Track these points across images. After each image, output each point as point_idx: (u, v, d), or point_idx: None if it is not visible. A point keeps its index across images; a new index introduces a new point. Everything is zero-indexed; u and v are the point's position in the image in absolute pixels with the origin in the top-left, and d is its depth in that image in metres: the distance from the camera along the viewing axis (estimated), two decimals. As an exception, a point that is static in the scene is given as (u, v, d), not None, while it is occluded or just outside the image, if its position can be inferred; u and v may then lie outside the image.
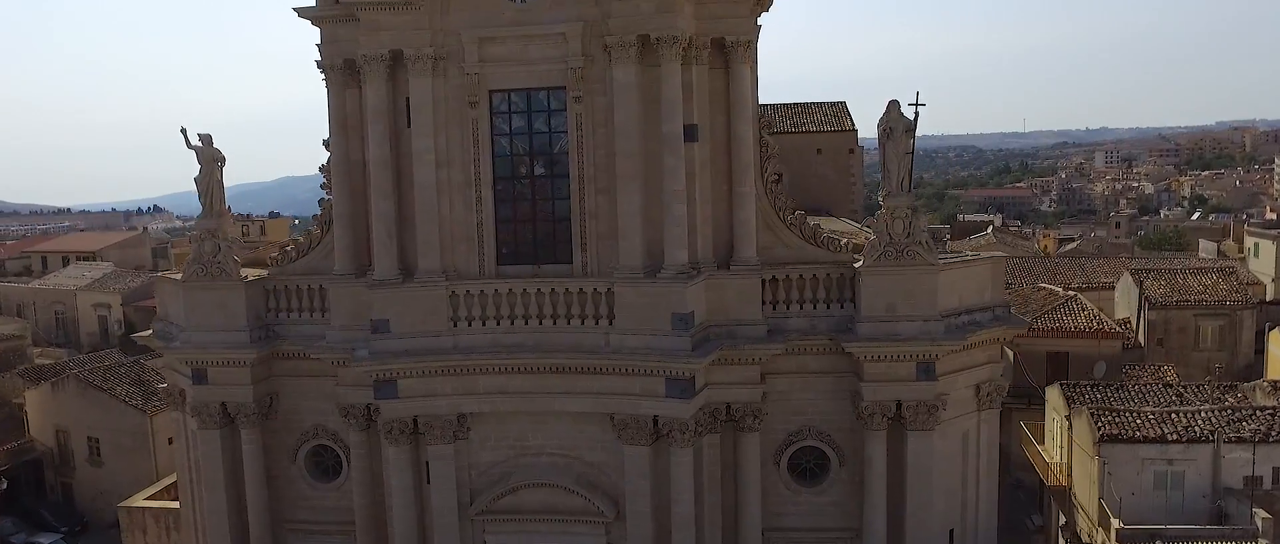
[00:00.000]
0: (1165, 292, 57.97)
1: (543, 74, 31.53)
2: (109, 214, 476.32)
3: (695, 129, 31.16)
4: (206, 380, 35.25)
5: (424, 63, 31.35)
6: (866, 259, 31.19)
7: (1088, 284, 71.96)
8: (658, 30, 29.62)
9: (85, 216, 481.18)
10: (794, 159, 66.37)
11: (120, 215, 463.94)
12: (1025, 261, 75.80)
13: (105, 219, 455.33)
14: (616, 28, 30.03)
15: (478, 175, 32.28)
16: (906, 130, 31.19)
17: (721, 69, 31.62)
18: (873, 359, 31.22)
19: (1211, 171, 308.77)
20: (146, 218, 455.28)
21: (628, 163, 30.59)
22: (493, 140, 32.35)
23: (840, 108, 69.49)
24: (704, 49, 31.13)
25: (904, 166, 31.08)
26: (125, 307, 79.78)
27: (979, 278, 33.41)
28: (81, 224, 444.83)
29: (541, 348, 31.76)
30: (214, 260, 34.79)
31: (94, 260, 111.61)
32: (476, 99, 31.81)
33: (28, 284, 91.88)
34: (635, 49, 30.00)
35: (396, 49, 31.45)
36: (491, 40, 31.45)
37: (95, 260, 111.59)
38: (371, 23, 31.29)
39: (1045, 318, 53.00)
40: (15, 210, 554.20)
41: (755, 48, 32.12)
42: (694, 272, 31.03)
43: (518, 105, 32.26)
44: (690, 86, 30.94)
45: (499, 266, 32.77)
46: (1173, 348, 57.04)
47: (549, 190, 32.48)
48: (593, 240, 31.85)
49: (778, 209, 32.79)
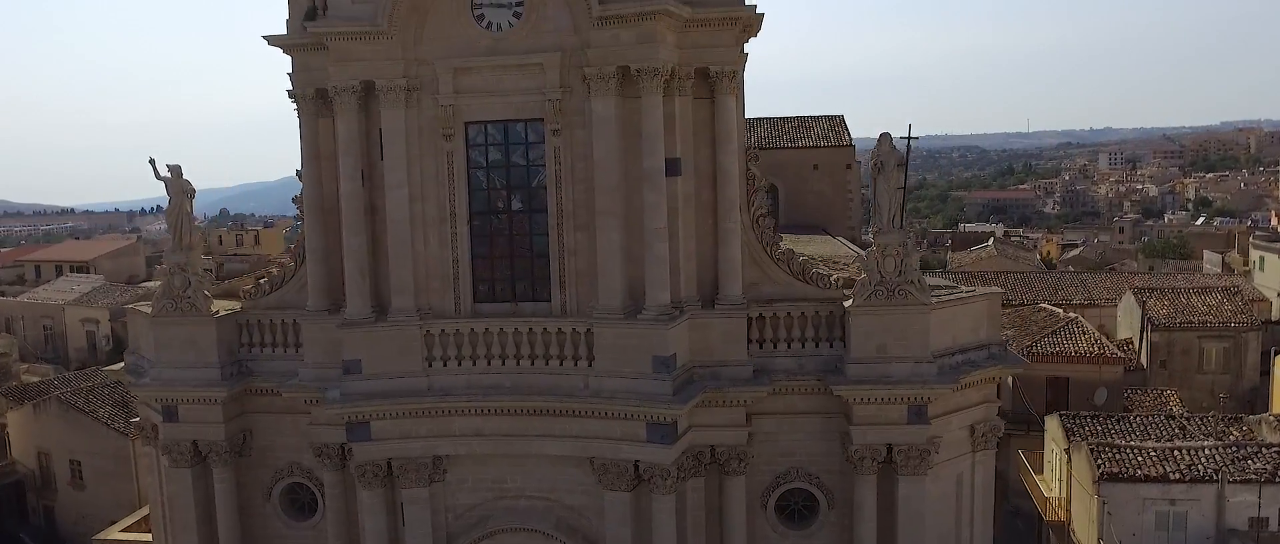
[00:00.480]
0: (1168, 312, 56.73)
1: (520, 105, 30.38)
2: (112, 214, 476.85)
3: (678, 163, 29.98)
4: (177, 418, 34.20)
5: (396, 94, 30.22)
6: (856, 298, 30.02)
7: (1090, 301, 70.88)
8: (638, 61, 28.46)
9: (88, 217, 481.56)
10: (790, 174, 65.43)
11: (123, 216, 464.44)
12: (1026, 277, 74.63)
13: (108, 219, 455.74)
14: (595, 58, 28.88)
15: (453, 210, 31.14)
16: (898, 164, 30.02)
17: (706, 99, 30.44)
18: (862, 402, 30.06)
19: (1216, 173, 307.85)
20: (149, 218, 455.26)
21: (607, 199, 29.44)
22: (469, 174, 31.20)
23: (837, 121, 68.34)
24: (687, 79, 29.97)
25: (896, 202, 29.90)
26: (113, 322, 78.69)
27: (974, 315, 32.21)
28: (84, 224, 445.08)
29: (519, 389, 30.63)
30: (184, 295, 33.72)
31: (87, 270, 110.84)
32: (452, 131, 30.67)
33: (16, 298, 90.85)
34: (615, 81, 28.84)
35: (368, 80, 30.32)
36: (467, 71, 30.31)
37: (88, 270, 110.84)
38: (341, 53, 30.16)
39: (1045, 341, 51.82)
40: (19, 211, 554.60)
41: (742, 77, 30.93)
42: (676, 311, 29.87)
43: (495, 137, 31.11)
44: (673, 119, 29.77)
45: (475, 305, 31.63)
46: (1176, 370, 55.85)
47: (527, 226, 31.33)
48: (572, 278, 30.70)
49: (765, 244, 31.60)
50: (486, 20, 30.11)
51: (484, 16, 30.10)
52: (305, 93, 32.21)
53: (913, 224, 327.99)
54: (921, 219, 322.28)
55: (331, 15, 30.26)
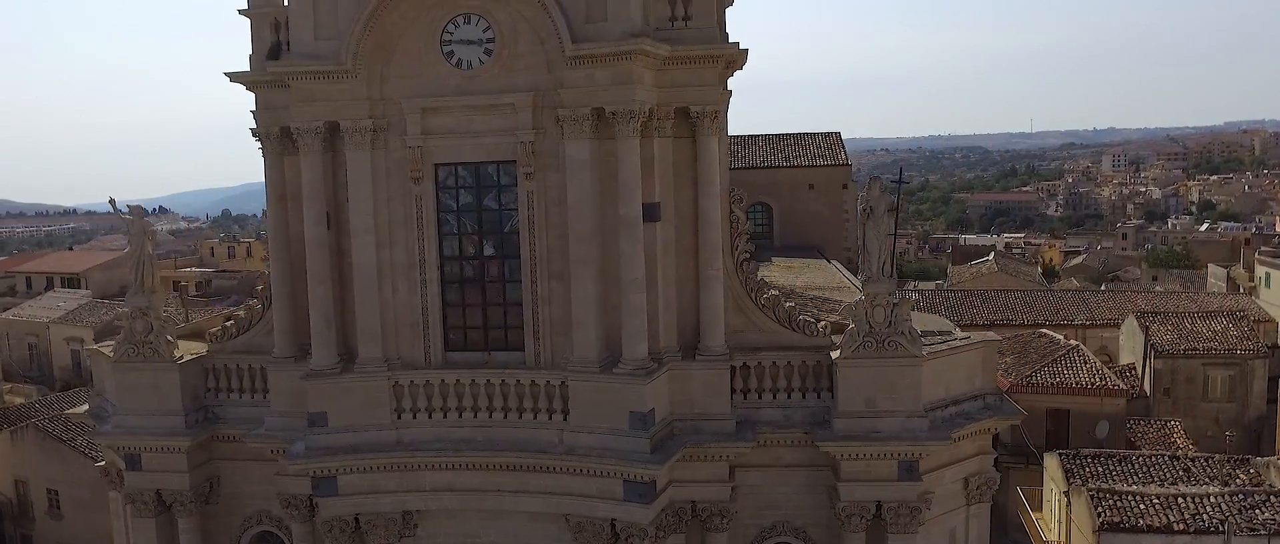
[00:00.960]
0: (1172, 338, 55.25)
1: (492, 147, 29.00)
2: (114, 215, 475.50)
3: (657, 208, 28.59)
4: (140, 466, 32.91)
5: (362, 135, 28.87)
6: (845, 350, 28.61)
7: (1092, 321, 69.36)
8: (613, 103, 27.06)
9: (90, 218, 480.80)
10: (784, 194, 64.07)
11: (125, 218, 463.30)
12: (1027, 295, 73.09)
13: (110, 220, 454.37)
14: (569, 99, 27.50)
15: (422, 256, 29.77)
16: (888, 209, 28.66)
17: (688, 138, 29.03)
18: (850, 457, 28.66)
19: (1220, 176, 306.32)
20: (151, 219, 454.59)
21: (582, 247, 28.04)
22: (439, 218, 29.83)
23: (834, 139, 66.97)
24: (667, 120, 28.58)
25: (886, 249, 28.49)
26: (99, 342, 77.22)
27: (969, 365, 30.82)
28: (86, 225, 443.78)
29: (491, 443, 29.28)
30: (146, 340, 32.43)
31: (78, 283, 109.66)
32: (420, 174, 29.30)
33: (0, 314, 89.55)
34: (589, 123, 27.46)
35: (332, 121, 28.96)
36: (435, 111, 28.95)
37: (79, 283, 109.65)
38: (304, 93, 28.81)
39: (1045, 371, 50.37)
40: (21, 211, 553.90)
41: (725, 116, 29.56)
42: (655, 364, 28.48)
43: (465, 180, 29.74)
44: (652, 161, 28.38)
45: (447, 354, 30.27)
46: (1180, 398, 54.39)
47: (500, 272, 29.96)
48: (546, 328, 29.31)
49: (749, 289, 30.20)
50: (456, 57, 28.76)
51: (454, 54, 28.75)
52: (269, 131, 30.89)
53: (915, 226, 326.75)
54: (923, 221, 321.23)
55: (294, 53, 28.93)
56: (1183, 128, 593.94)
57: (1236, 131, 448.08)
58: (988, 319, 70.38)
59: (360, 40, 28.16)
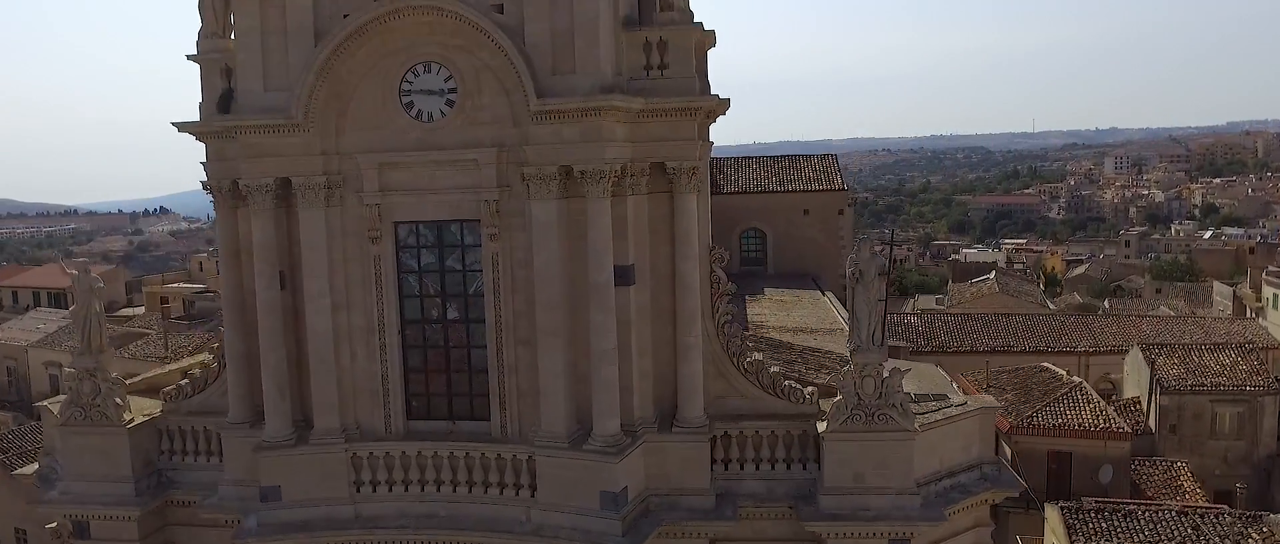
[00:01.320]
0: (1179, 372, 53.31)
1: (455, 205, 27.13)
2: (115, 216, 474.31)
3: (631, 270, 26.71)
4: (89, 534, 31.07)
5: (315, 193, 27.01)
6: (831, 422, 26.72)
7: (1095, 348, 67.50)
8: (582, 162, 25.19)
9: (91, 218, 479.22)
10: (779, 220, 62.20)
11: (126, 218, 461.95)
12: (1028, 320, 71.19)
13: (112, 221, 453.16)
14: (534, 157, 25.62)
15: (382, 320, 27.90)
16: (879, 273, 26.75)
17: (665, 193, 27.15)
18: (838, 536, 26.78)
19: (1223, 179, 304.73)
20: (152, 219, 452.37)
21: (549, 315, 26.16)
22: (399, 279, 27.97)
23: (830, 163, 65.12)
24: (642, 176, 26.70)
25: (876, 315, 26.60)
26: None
27: (966, 434, 28.92)
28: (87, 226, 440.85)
29: (455, 520, 27.42)
30: (93, 403, 30.61)
31: (64, 298, 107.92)
32: (378, 233, 27.42)
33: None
34: (557, 182, 25.59)
35: (284, 177, 27.10)
36: (394, 166, 27.08)
37: (66, 298, 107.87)
38: (253, 148, 26.95)
39: (1047, 411, 48.41)
40: (22, 212, 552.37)
41: (705, 171, 27.71)
42: (629, 439, 26.60)
43: (427, 239, 27.87)
44: (625, 221, 26.49)
45: (409, 422, 28.41)
46: (1187, 435, 52.42)
47: (465, 337, 28.08)
48: (513, 397, 27.44)
49: (732, 354, 28.30)
50: (416, 108, 26.90)
51: (413, 104, 26.89)
52: (222, 184, 29.02)
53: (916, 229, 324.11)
54: (925, 224, 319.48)
55: (242, 106, 27.06)
56: (1185, 128, 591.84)
57: (1239, 132, 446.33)
58: (988, 345, 68.56)
59: (312, 91, 26.30)
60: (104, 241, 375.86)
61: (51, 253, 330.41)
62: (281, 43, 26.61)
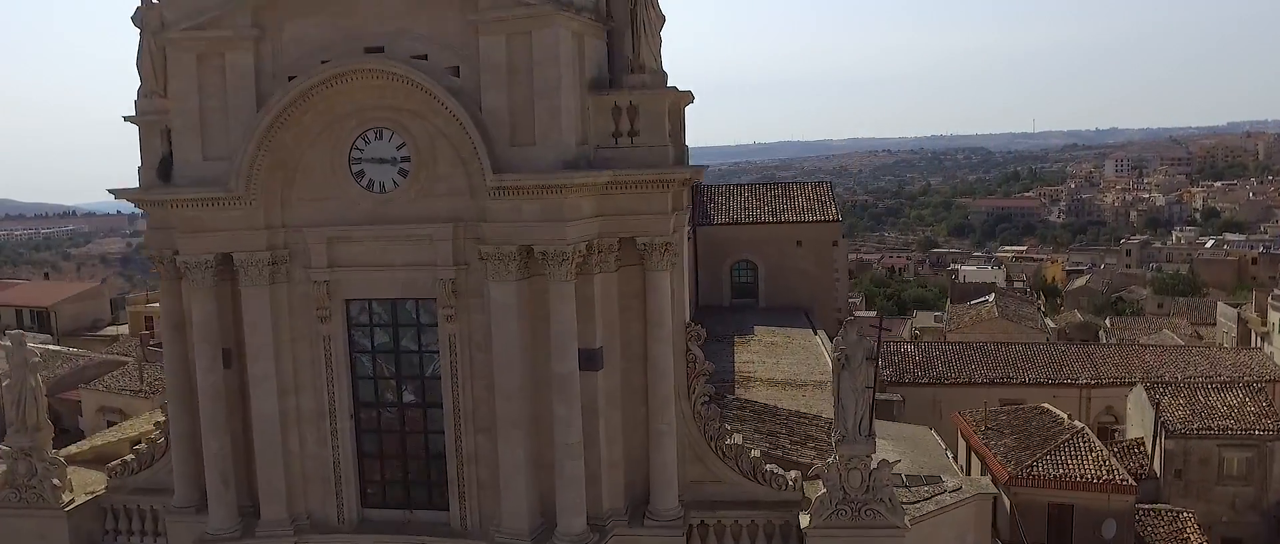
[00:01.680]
0: (1185, 414, 51.27)
1: (408, 283, 25.14)
2: (113, 217, 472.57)
3: (599, 354, 24.72)
4: (27, 621, 29.11)
5: (259, 270, 25.02)
6: (815, 517, 24.73)
7: (1097, 380, 65.51)
8: (543, 242, 23.19)
9: (90, 219, 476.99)
10: (771, 251, 60.26)
11: (125, 218, 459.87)
12: (1028, 350, 69.18)
13: (110, 222, 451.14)
14: (492, 235, 23.63)
15: (333, 404, 25.91)
16: (867, 357, 24.75)
17: (637, 266, 25.16)
18: (824, 639, 24.81)
19: (1223, 182, 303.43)
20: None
21: (509, 405, 24.16)
22: (351, 359, 25.99)
23: (823, 191, 63.17)
24: (611, 252, 24.72)
25: (863, 403, 24.61)
26: (51, 398, 73.43)
27: (960, 522, 26.98)
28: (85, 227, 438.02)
29: (412, 620, 25.45)
30: (29, 484, 28.62)
31: (47, 316, 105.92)
32: (328, 312, 25.43)
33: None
34: (517, 263, 23.60)
35: (225, 252, 25.11)
36: (345, 240, 25.10)
37: (49, 316, 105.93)
38: (191, 222, 24.95)
39: (1047, 460, 46.33)
40: (21, 213, 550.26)
41: (680, 243, 25.73)
42: (597, 534, 24.63)
43: (381, 317, 25.88)
44: (593, 300, 24.51)
45: (363, 510, 26.44)
46: (1193, 480, 50.35)
47: (423, 421, 26.10)
48: (473, 487, 25.44)
49: (709, 436, 26.33)
50: (367, 178, 24.90)
51: (364, 174, 24.89)
52: (163, 254, 27.02)
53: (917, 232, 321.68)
54: (925, 228, 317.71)
55: (179, 177, 25.05)
56: (1185, 128, 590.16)
57: (1240, 134, 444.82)
58: (987, 376, 66.59)
59: (254, 161, 24.30)
60: (102, 244, 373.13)
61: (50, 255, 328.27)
62: (221, 106, 24.63)
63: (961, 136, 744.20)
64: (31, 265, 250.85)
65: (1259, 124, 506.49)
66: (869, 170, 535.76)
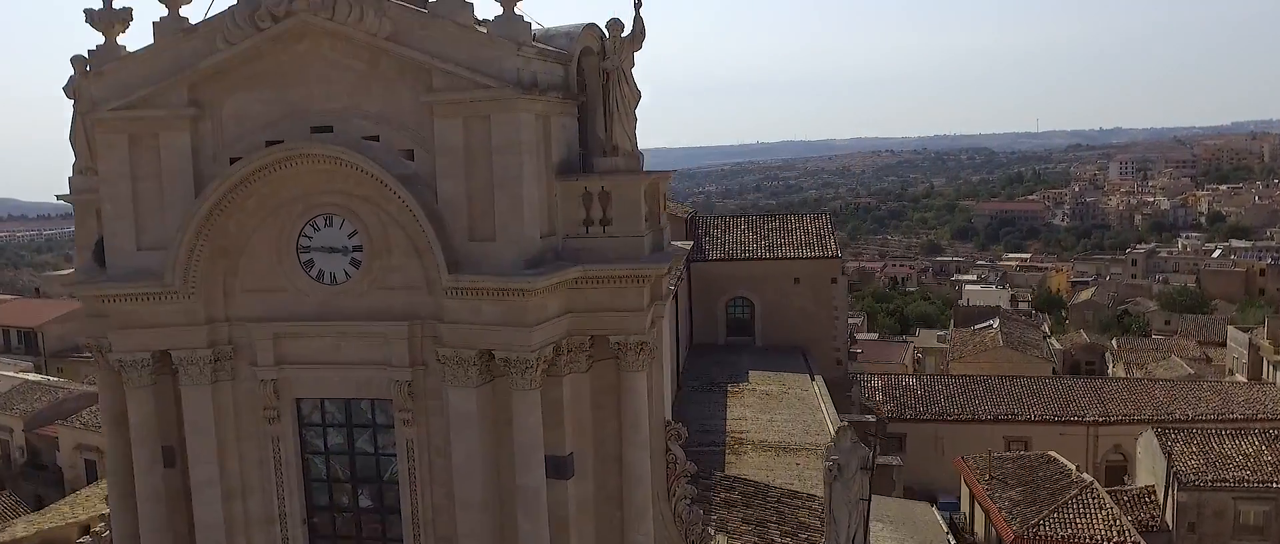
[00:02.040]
0: (1198, 464, 49.27)
1: (363, 382, 23.05)
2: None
3: (570, 461, 22.64)
4: None
5: (200, 368, 22.94)
6: (806, 638, 22.68)
7: (1105, 417, 63.50)
8: (505, 348, 21.11)
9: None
10: (768, 289, 58.24)
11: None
12: (1034, 385, 67.25)
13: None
14: (450, 338, 21.55)
15: (283, 509, 23.84)
16: (862, 467, 22.66)
17: (611, 360, 23.05)
18: None
19: (1229, 185, 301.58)
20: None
21: (471, 517, 22.10)
22: (303, 460, 23.92)
23: (822, 225, 61.06)
24: (582, 350, 22.62)
25: (857, 516, 22.53)
26: (28, 433, 71.59)
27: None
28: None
29: None
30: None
31: (34, 336, 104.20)
32: (276, 412, 23.37)
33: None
34: (477, 368, 21.52)
35: (163, 350, 23.05)
36: (294, 336, 23.03)
37: (36, 336, 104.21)
38: (125, 317, 22.87)
39: (1055, 518, 44.45)
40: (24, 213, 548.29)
41: (658, 340, 23.63)
42: (568, 657, 22.57)
43: (335, 417, 23.80)
44: (562, 404, 22.43)
45: (317, 623, 24.38)
46: (1207, 534, 48.50)
47: (381, 528, 24.02)
48: (434, 604, 23.37)
49: (692, 541, 24.28)
50: (317, 268, 22.82)
51: (313, 263, 22.81)
52: (101, 343, 24.92)
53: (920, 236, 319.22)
54: (928, 230, 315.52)
55: (112, 269, 22.95)
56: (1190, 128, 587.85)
57: (1245, 134, 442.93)
58: (991, 412, 64.68)
59: (193, 251, 22.22)
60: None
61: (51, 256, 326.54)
62: (156, 191, 22.54)
63: (965, 136, 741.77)
64: (33, 267, 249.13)
65: (1264, 124, 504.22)
66: (872, 171, 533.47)
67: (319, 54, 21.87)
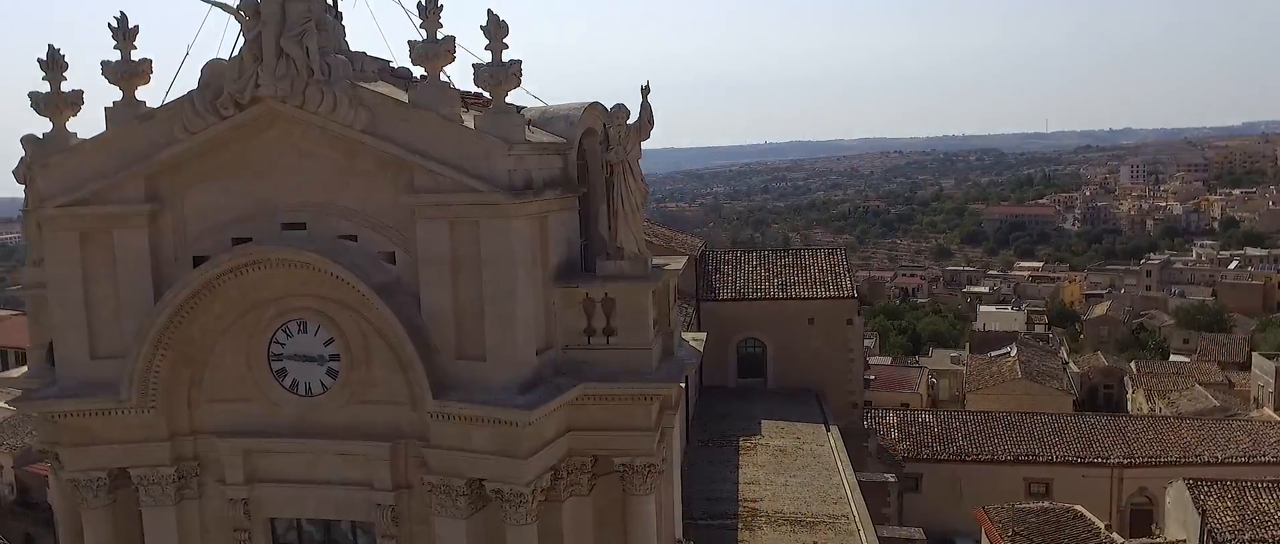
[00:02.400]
0: (1233, 521, 46.82)
1: (343, 503, 20.83)
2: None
3: (570, 593, 20.38)
4: None
5: (162, 488, 20.75)
6: None
7: (1130, 459, 61.01)
8: (497, 479, 18.87)
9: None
10: (781, 330, 55.78)
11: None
12: (1056, 423, 64.66)
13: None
14: (437, 464, 19.33)
15: (255, 639, 21.63)
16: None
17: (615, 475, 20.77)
18: None
19: (1242, 190, 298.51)
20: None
21: (461, 661, 19.86)
22: (278, 585, 21.71)
23: (837, 262, 58.56)
24: (583, 472, 20.36)
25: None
26: (18, 470, 69.52)
27: None
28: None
29: None
30: None
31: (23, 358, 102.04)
32: (247, 533, 21.15)
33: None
34: (466, 498, 19.28)
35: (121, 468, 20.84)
36: (266, 452, 20.81)
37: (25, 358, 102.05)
38: (78, 433, 20.67)
39: (1084, 583, 42.05)
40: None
41: (668, 457, 21.34)
42: None
43: (313, 537, 21.58)
44: (562, 532, 20.18)
45: None
46: (1243, 595, 45.93)
47: (363, 660, 21.79)
48: None
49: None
50: (290, 378, 20.58)
51: (287, 373, 20.57)
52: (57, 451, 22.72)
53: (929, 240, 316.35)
54: (937, 234, 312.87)
55: (63, 380, 20.71)
56: (1200, 129, 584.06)
57: (1256, 135, 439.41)
58: (1011, 453, 62.18)
59: (151, 363, 20.00)
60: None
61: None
62: (111, 294, 20.34)
63: (974, 137, 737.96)
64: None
65: (1275, 124, 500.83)
66: (880, 172, 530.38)
67: (290, 143, 19.68)
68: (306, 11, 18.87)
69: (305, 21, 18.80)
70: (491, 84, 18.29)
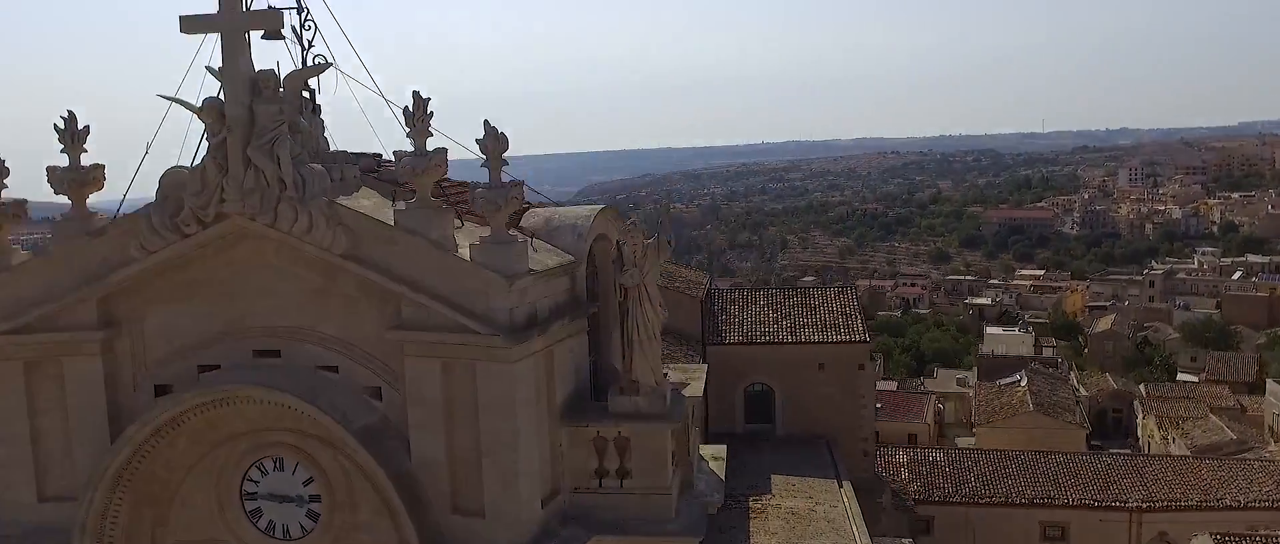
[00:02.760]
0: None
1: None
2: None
3: None
4: None
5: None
6: None
7: (1149, 503, 58.93)
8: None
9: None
10: (789, 375, 53.23)
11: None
12: (1069, 464, 62.43)
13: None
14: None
15: None
16: None
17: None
18: None
19: (1241, 193, 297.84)
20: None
21: None
22: None
23: (848, 301, 56.05)
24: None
25: None
26: None
27: None
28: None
29: None
30: None
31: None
32: None
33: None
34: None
35: (73, 620, 18.54)
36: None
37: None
38: (24, 585, 18.37)
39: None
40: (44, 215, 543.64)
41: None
42: None
43: None
44: None
45: None
46: (1276, 660, 43.87)
47: None
48: None
49: None
50: (266, 520, 18.32)
51: (261, 514, 18.30)
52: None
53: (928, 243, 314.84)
54: (936, 238, 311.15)
55: (6, 526, 18.41)
56: (1196, 129, 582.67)
57: (1253, 137, 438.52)
58: (1026, 495, 59.97)
59: (106, 511, 17.72)
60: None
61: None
62: (62, 427, 18.08)
63: (970, 137, 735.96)
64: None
65: (1272, 124, 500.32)
66: (877, 172, 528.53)
67: (262, 262, 17.43)
68: (278, 114, 16.61)
69: (277, 126, 16.55)
70: (490, 208, 16.02)
